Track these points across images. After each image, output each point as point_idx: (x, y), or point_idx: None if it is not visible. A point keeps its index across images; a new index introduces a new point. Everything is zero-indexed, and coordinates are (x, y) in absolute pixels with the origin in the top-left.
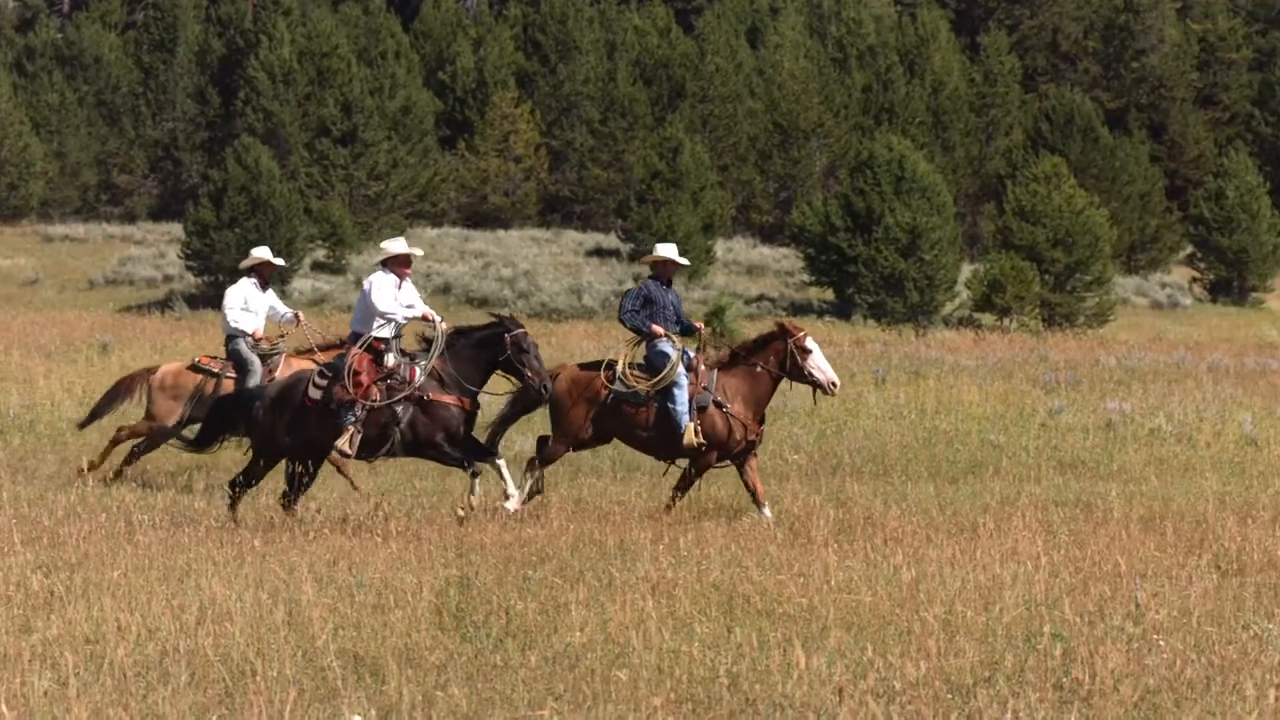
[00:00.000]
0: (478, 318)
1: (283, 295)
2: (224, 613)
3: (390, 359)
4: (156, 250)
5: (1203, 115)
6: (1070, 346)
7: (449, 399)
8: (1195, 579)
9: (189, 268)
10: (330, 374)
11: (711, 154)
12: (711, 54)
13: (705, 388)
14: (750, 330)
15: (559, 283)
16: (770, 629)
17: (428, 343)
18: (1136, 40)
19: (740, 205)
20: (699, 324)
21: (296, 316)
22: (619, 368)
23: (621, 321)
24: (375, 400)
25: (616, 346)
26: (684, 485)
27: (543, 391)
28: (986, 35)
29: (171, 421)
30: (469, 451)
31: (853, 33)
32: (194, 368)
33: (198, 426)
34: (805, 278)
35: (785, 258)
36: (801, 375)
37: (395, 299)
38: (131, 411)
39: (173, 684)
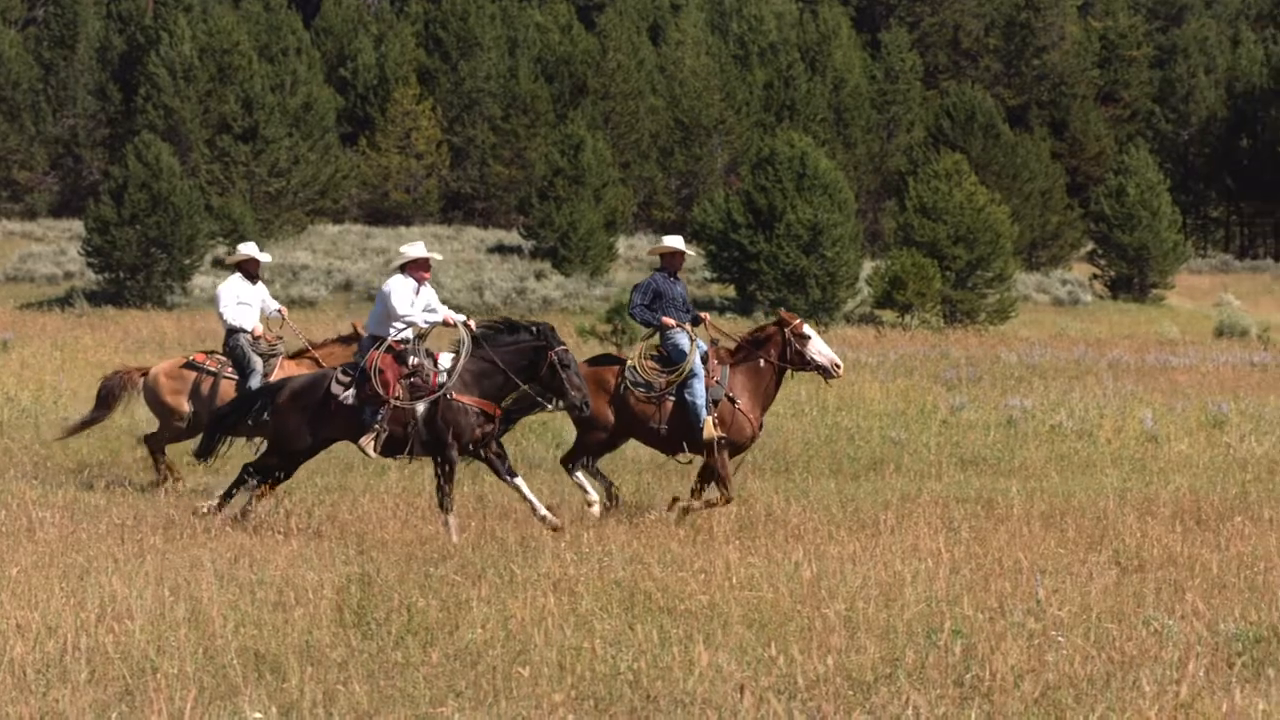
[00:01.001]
0: None
1: (184, 293)
2: (124, 610)
3: (413, 359)
4: (57, 247)
5: (1103, 112)
6: (971, 343)
7: (471, 400)
8: (1096, 575)
9: (90, 264)
10: (352, 373)
11: (613, 151)
12: (613, 51)
13: (718, 381)
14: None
15: (460, 279)
16: (672, 626)
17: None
18: (1037, 37)
19: (642, 202)
20: (705, 315)
21: (281, 312)
22: (631, 361)
23: (631, 317)
24: (400, 398)
25: None
26: (703, 483)
27: (584, 409)
28: (888, 32)
29: (178, 419)
30: (493, 462)
31: (754, 30)
32: (190, 365)
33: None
34: (707, 274)
35: (687, 254)
36: (803, 362)
37: (413, 303)
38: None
39: (72, 682)
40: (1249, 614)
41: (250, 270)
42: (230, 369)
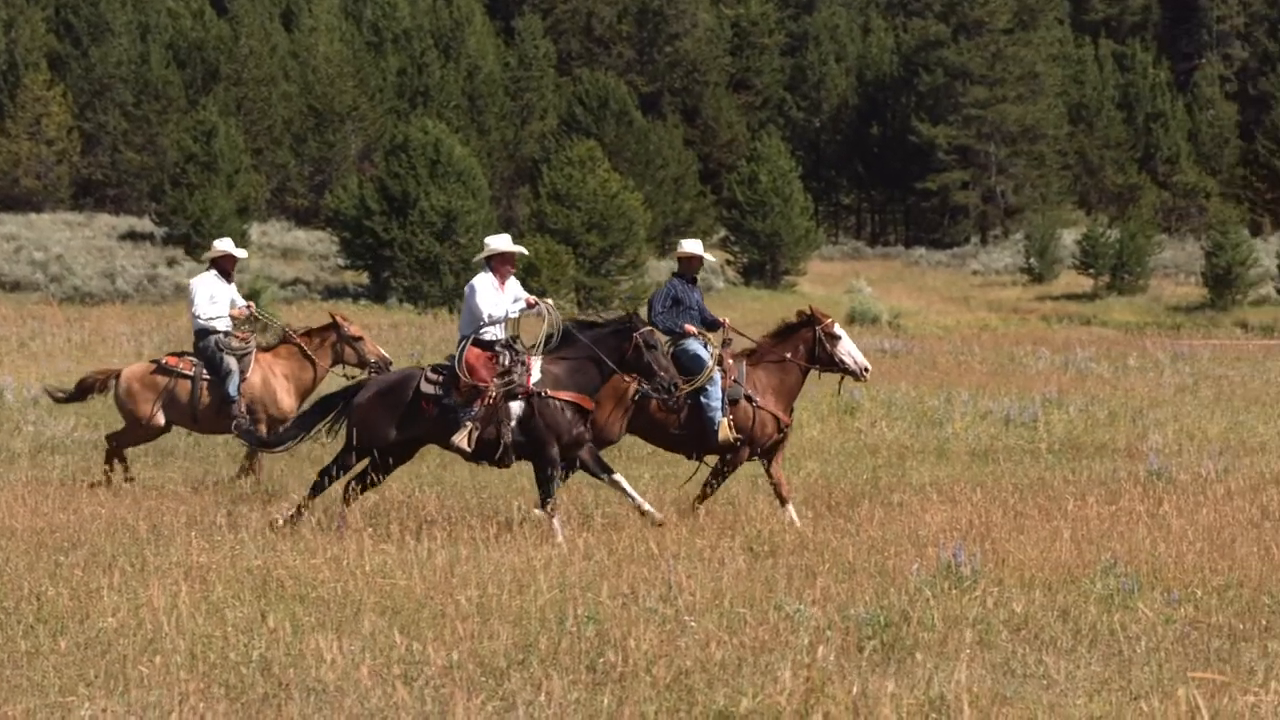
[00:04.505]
0: (11, 301)
1: None
2: None
3: (506, 357)
4: None
5: (736, 99)
6: None
7: (569, 396)
8: (728, 561)
9: None
10: (444, 371)
11: (246, 137)
12: (246, 37)
13: (735, 380)
14: (288, 314)
15: (92, 266)
16: (304, 613)
17: (547, 339)
18: (670, 24)
19: (275, 189)
20: (724, 319)
21: (249, 308)
22: None
23: (654, 325)
24: (494, 396)
25: (150, 331)
26: (716, 481)
27: (672, 389)
28: (521, 19)
29: (143, 425)
30: (589, 464)
31: (388, 16)
32: (161, 369)
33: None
34: (341, 261)
35: (321, 241)
36: (832, 363)
37: (495, 301)
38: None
39: None
40: (879, 598)
41: (226, 267)
42: (205, 371)
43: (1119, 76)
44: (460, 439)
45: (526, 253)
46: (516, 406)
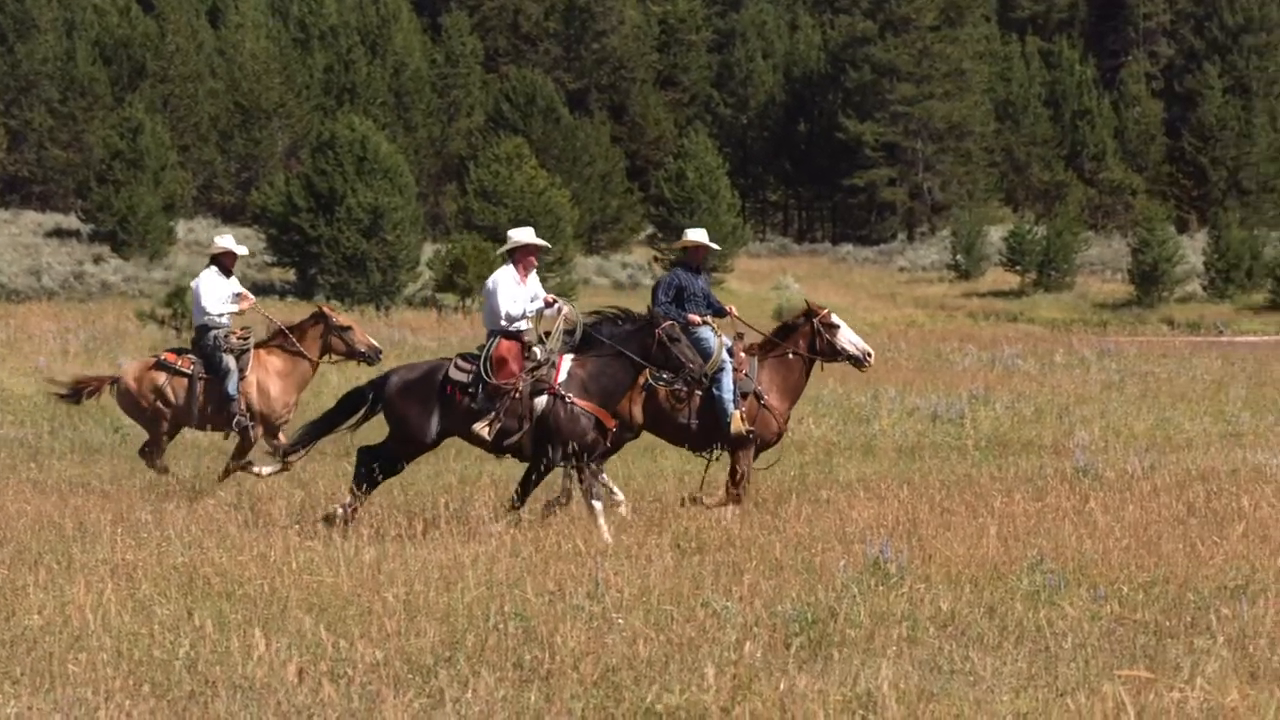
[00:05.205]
0: None
1: None
2: None
3: (539, 352)
4: None
5: (663, 96)
6: None
7: (588, 406)
8: (655, 558)
9: None
10: (473, 361)
11: (172, 134)
12: (172, 33)
13: (747, 374)
14: None
15: (18, 264)
16: (231, 611)
17: (569, 335)
18: (597, 21)
19: (202, 185)
20: (730, 307)
21: (253, 300)
22: None
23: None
24: (521, 390)
25: (75, 329)
26: (734, 478)
27: (703, 379)
28: (448, 15)
29: (154, 419)
30: (585, 476)
31: (314, 13)
32: (160, 365)
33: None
34: (268, 258)
35: (247, 238)
36: (833, 353)
37: (516, 298)
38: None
39: None
40: (806, 595)
41: (226, 264)
42: (203, 370)
43: (1046, 74)
44: (481, 427)
45: (550, 246)
46: (541, 402)
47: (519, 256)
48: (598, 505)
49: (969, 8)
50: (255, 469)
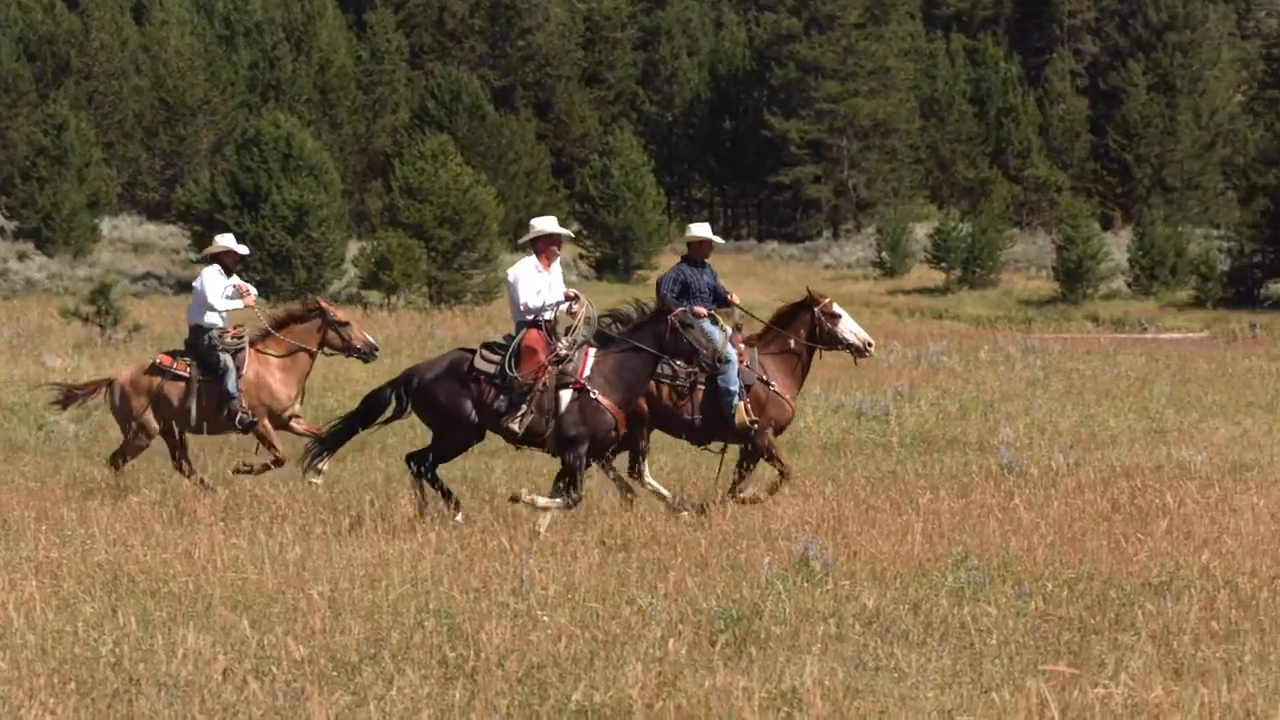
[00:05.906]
0: None
1: None
2: None
3: (563, 345)
4: None
5: (588, 94)
6: (458, 323)
7: (609, 404)
8: (580, 555)
9: None
10: (500, 352)
11: (97, 131)
12: (96, 30)
13: (748, 365)
14: (135, 309)
15: None
16: (155, 608)
17: (585, 323)
18: (523, 18)
19: (126, 182)
20: (733, 296)
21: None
22: None
23: None
24: (547, 383)
25: (0, 326)
26: (745, 469)
27: (718, 364)
28: (373, 12)
29: (139, 431)
30: (574, 472)
31: (239, 9)
32: (155, 369)
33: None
34: (192, 255)
35: (172, 235)
36: (834, 341)
37: (538, 291)
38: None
39: None
40: (731, 592)
41: (227, 263)
42: (200, 371)
43: (970, 71)
44: (512, 422)
45: (572, 235)
46: (566, 395)
47: (541, 246)
48: (555, 501)
49: (894, 5)
50: (312, 472)
